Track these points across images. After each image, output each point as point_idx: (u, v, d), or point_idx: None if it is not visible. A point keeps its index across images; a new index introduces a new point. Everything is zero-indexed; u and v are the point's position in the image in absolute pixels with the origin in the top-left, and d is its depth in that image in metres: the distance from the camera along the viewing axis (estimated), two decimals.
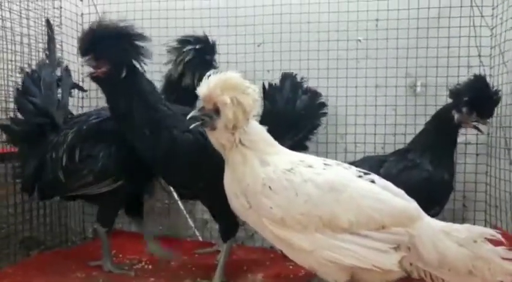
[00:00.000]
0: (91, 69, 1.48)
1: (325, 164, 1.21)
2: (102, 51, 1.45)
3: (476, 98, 1.57)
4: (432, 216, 1.20)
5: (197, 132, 1.41)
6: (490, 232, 1.09)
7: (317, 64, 2.01)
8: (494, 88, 1.63)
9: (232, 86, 1.15)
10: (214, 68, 1.82)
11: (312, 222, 1.12)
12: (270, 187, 1.14)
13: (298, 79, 1.83)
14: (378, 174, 1.22)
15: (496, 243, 1.08)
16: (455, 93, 1.62)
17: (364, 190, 1.14)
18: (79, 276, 1.65)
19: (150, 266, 1.78)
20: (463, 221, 1.88)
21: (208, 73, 1.17)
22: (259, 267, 1.72)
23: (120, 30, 1.46)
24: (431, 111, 1.82)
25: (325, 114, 1.86)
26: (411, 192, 1.17)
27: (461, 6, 1.90)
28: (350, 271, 1.14)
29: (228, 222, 1.55)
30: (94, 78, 1.49)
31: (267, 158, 1.19)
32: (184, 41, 1.89)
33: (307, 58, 2.02)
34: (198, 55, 1.86)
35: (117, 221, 2.15)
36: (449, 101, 1.69)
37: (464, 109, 1.59)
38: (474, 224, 1.83)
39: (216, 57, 1.94)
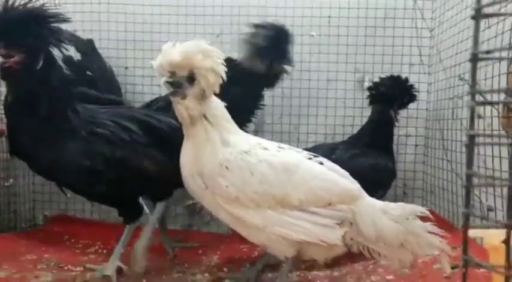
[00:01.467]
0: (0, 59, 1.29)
1: (279, 147, 1.29)
2: (15, 37, 1.29)
3: (408, 97, 1.82)
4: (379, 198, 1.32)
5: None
6: (420, 209, 1.22)
7: None
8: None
9: (211, 53, 1.17)
10: (290, 59, 1.78)
11: (265, 200, 1.19)
12: (226, 167, 1.20)
13: None
14: (330, 159, 1.32)
15: (425, 220, 1.22)
16: (389, 95, 1.81)
17: (313, 171, 1.24)
18: (29, 259, 1.64)
19: (104, 251, 1.79)
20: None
21: (170, 43, 1.16)
22: (214, 250, 1.77)
23: (34, 11, 1.31)
24: None
25: None
26: (359, 176, 1.29)
27: (404, 9, 2.06)
28: (298, 246, 1.22)
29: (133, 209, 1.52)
30: (5, 69, 1.30)
31: (228, 137, 1.24)
32: (261, 27, 1.78)
33: None
34: (277, 42, 1.76)
35: (69, 207, 2.16)
36: None
37: (396, 108, 1.83)
38: None
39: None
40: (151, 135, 1.47)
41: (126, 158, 1.40)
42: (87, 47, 1.89)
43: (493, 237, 0.77)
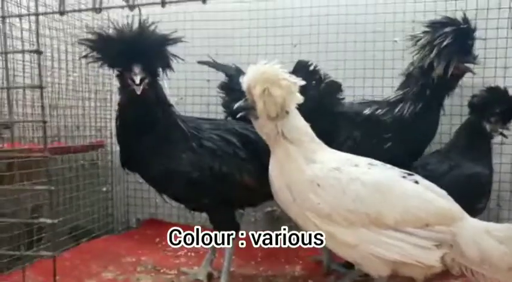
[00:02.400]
0: (133, 84, 1.32)
1: (369, 163, 1.28)
2: (150, 60, 1.35)
3: (506, 109, 1.67)
4: (481, 209, 1.33)
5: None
6: None
7: (353, 64, 2.06)
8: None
9: (265, 77, 1.20)
10: (474, 56, 1.61)
11: (358, 219, 1.19)
12: (318, 184, 1.22)
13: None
14: (424, 175, 1.29)
15: None
16: (481, 106, 1.69)
17: (409, 190, 1.21)
18: (129, 261, 1.79)
19: (193, 254, 1.87)
20: (497, 219, 1.91)
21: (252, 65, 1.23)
22: (295, 260, 1.79)
23: (163, 35, 1.36)
24: None
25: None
26: (456, 189, 1.25)
27: (499, 8, 1.92)
28: (393, 265, 1.21)
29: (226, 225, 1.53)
30: (140, 92, 1.32)
31: (312, 155, 1.26)
32: (438, 23, 1.60)
33: (344, 58, 2.07)
34: (458, 39, 1.56)
35: (158, 212, 2.30)
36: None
37: (493, 119, 1.68)
38: (508, 222, 1.88)
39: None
40: (249, 148, 1.52)
41: (230, 172, 1.47)
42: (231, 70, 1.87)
43: None
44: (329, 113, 1.65)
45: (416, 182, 1.24)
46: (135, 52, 1.31)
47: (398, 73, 1.78)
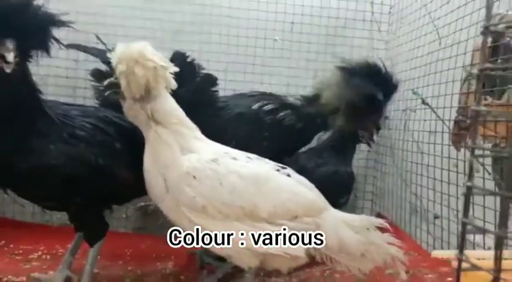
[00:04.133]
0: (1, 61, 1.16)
1: (247, 157, 1.29)
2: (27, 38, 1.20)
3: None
4: (343, 204, 1.44)
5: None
6: (379, 221, 1.28)
7: (235, 58, 2.08)
8: None
9: (130, 55, 1.16)
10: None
11: (233, 212, 1.19)
12: (194, 176, 1.19)
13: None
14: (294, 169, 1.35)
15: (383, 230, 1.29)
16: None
17: (282, 183, 1.26)
18: None
19: (48, 256, 1.67)
20: (354, 208, 2.15)
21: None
22: (168, 256, 1.73)
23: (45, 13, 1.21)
24: None
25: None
26: (322, 185, 1.33)
27: (363, 20, 2.14)
28: (262, 257, 1.24)
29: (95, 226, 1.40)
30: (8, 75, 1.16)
31: (187, 143, 1.23)
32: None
33: (227, 52, 2.07)
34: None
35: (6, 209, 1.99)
36: None
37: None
38: (362, 211, 2.13)
39: None
40: (124, 139, 1.38)
41: (108, 165, 1.32)
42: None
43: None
44: (205, 106, 1.61)
45: (289, 175, 1.30)
46: (12, 25, 1.15)
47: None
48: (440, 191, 1.55)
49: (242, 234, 1.20)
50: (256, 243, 1.20)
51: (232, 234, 1.19)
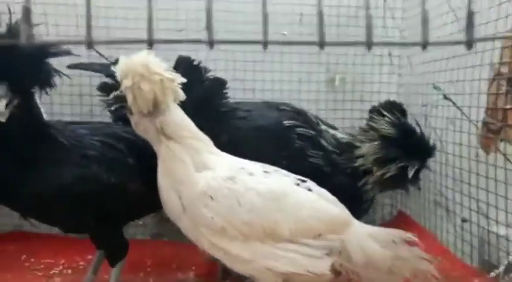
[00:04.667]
0: None
1: (264, 171, 1.23)
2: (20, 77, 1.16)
3: None
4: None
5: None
6: (407, 235, 1.23)
7: (243, 56, 1.98)
8: None
9: (135, 70, 1.10)
10: None
11: (254, 231, 1.14)
12: (210, 196, 1.14)
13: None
14: None
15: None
16: None
17: (303, 199, 1.20)
18: None
19: (69, 271, 1.66)
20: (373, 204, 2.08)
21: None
22: (189, 264, 1.69)
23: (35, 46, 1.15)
24: (348, 105, 1.99)
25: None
26: None
27: (376, 7, 2.02)
28: (285, 276, 1.19)
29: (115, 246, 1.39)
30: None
31: (202, 158, 1.18)
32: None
33: (233, 50, 1.97)
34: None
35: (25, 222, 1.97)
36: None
37: None
38: (382, 208, 2.08)
39: None
40: (135, 154, 1.35)
41: (121, 181, 1.29)
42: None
43: None
44: (216, 113, 1.53)
45: (310, 190, 1.24)
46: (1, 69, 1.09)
47: None
48: (468, 195, 1.47)
49: (263, 254, 1.15)
50: (278, 263, 1.16)
51: (253, 255, 1.15)
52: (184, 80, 1.18)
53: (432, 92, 1.73)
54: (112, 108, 1.25)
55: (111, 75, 1.49)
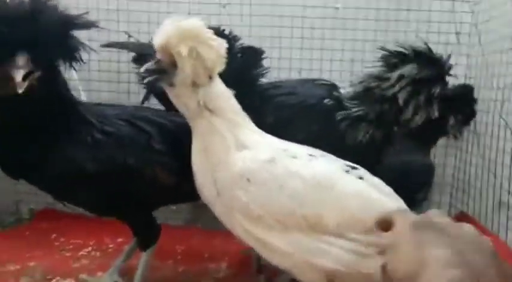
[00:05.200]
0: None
1: (309, 154, 1.07)
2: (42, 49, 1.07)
3: None
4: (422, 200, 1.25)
5: None
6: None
7: (290, 32, 1.82)
8: None
9: (192, 35, 0.96)
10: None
11: (295, 221, 0.99)
12: (248, 179, 1.00)
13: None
14: None
15: None
16: None
17: (352, 188, 1.02)
18: (10, 270, 1.43)
19: (97, 253, 1.59)
20: (428, 202, 1.86)
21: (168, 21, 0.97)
22: (222, 255, 1.57)
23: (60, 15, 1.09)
24: None
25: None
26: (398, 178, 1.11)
27: None
28: (328, 274, 1.03)
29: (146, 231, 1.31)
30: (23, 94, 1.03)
31: (243, 136, 1.05)
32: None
33: (280, 25, 1.81)
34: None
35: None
36: None
37: None
38: (439, 207, 1.84)
39: None
40: (167, 139, 1.24)
41: (138, 166, 1.20)
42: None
43: None
44: (252, 88, 1.38)
45: (361, 178, 1.06)
46: (19, 36, 1.00)
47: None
48: None
49: (306, 248, 1.00)
50: (322, 259, 1.00)
51: (293, 247, 1.00)
52: (227, 46, 1.03)
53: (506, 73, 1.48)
54: (145, 81, 1.14)
55: (145, 54, 1.40)
